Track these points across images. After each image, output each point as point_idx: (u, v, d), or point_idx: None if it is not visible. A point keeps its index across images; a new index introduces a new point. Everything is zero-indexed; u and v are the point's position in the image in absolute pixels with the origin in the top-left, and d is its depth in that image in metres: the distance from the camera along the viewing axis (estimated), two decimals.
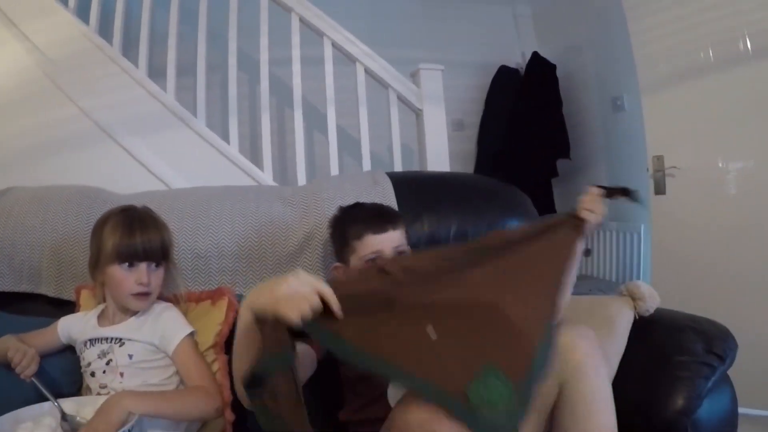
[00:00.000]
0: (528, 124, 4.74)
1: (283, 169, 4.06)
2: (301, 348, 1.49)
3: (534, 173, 4.64)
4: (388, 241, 1.77)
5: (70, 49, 3.02)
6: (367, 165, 3.21)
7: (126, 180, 2.49)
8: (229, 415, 1.68)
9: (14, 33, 3.03)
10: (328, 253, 2.03)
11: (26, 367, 1.60)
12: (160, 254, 1.69)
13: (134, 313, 1.71)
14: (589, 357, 1.36)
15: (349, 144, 3.73)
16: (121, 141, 2.90)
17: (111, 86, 2.99)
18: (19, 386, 1.65)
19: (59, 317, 1.84)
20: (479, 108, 5.14)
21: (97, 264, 1.69)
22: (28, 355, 1.62)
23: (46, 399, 1.53)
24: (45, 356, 1.71)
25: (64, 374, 1.77)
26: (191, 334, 1.71)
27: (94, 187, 2.31)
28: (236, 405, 1.60)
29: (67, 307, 1.98)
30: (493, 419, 1.16)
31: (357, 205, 1.93)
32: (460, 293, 1.40)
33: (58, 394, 1.58)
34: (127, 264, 1.64)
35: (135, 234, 1.64)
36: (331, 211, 2.01)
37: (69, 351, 1.79)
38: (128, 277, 1.64)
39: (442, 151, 3.34)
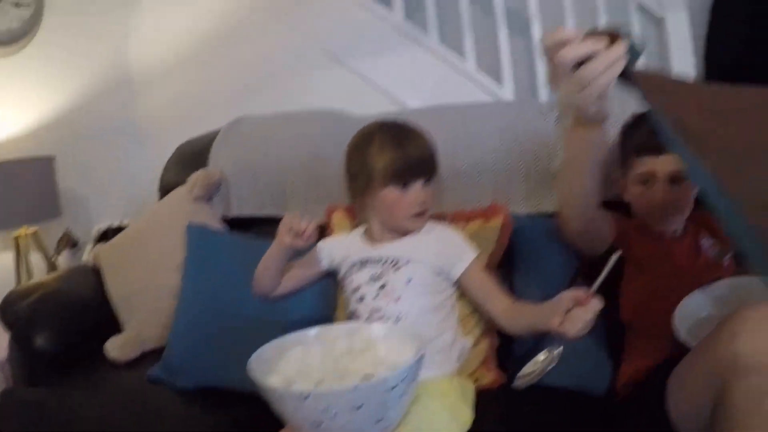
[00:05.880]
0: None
1: (527, 85, 3.78)
2: None
3: None
4: (661, 166, 1.51)
5: None
6: None
7: (357, 103, 2.36)
8: (494, 341, 1.62)
9: None
10: None
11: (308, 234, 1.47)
12: (433, 168, 1.54)
13: (406, 232, 1.57)
14: None
15: None
16: (350, 64, 2.83)
17: (334, 10, 2.90)
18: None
19: None
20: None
21: (365, 187, 1.54)
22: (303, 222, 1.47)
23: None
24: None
25: (319, 298, 1.71)
26: (478, 256, 1.57)
27: (339, 109, 2.24)
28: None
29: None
30: None
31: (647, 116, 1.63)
32: None
33: (313, 319, 1.50)
34: (402, 184, 1.49)
35: (407, 150, 1.49)
36: None
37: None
38: (404, 198, 1.50)
39: (688, 63, 2.91)
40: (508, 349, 1.62)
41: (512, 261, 1.71)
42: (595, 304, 1.22)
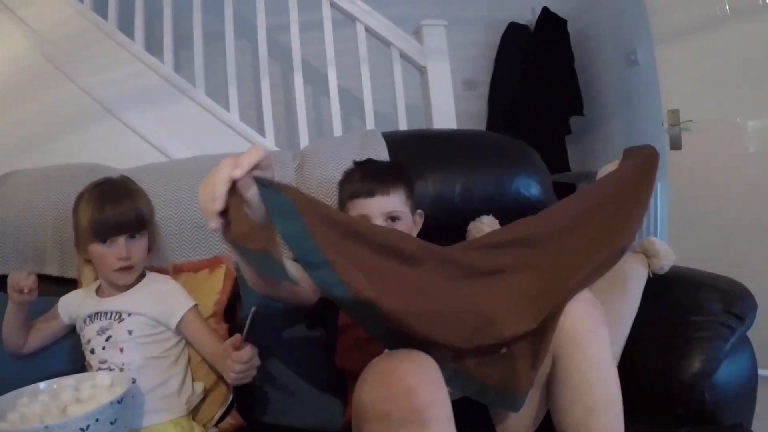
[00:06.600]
0: (539, 82, 4.64)
1: (291, 135, 3.99)
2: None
3: (547, 131, 4.57)
4: (376, 207, 1.65)
5: (66, 29, 3.03)
6: (371, 126, 3.16)
7: (130, 155, 2.43)
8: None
9: (11, 18, 3.04)
10: None
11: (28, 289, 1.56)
12: (135, 224, 1.62)
13: (129, 285, 1.67)
14: (585, 323, 1.25)
15: (356, 107, 3.67)
16: (122, 117, 2.90)
17: (109, 63, 2.99)
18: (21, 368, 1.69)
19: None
20: (490, 66, 4.99)
21: (79, 243, 1.65)
22: (23, 279, 1.57)
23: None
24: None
25: (67, 352, 1.76)
26: (194, 306, 1.68)
27: (96, 163, 2.26)
28: None
29: (73, 285, 1.92)
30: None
31: (364, 163, 1.82)
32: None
33: (61, 373, 1.56)
34: (103, 240, 1.59)
35: (105, 208, 1.58)
36: (323, 174, 1.98)
37: (72, 329, 1.77)
38: (108, 253, 1.60)
39: (449, 109, 3.26)
40: (244, 392, 1.67)
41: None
42: (245, 353, 1.36)
